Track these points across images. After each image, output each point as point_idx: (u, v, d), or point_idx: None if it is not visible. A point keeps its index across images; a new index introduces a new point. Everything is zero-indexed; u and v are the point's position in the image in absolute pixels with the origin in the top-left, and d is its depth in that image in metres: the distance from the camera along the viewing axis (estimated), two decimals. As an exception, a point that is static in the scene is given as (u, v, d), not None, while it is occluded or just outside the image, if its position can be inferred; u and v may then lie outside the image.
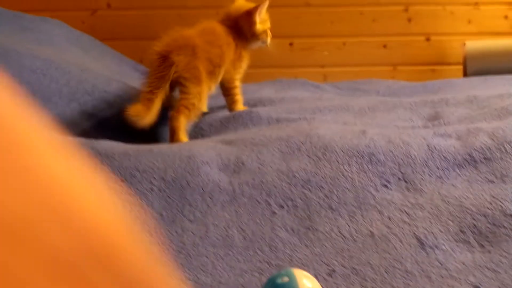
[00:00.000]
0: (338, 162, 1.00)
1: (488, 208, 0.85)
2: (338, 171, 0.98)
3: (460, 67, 2.28)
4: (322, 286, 0.72)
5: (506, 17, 2.37)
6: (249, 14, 1.44)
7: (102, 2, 2.31)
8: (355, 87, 1.89)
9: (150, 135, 1.35)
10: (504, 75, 1.86)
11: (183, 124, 1.29)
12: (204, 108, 1.51)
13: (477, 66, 2.08)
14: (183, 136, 1.29)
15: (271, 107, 1.53)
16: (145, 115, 1.22)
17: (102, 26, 2.32)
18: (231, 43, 1.42)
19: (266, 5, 1.46)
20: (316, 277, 0.75)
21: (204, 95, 1.36)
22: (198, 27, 1.42)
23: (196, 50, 1.32)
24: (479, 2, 2.35)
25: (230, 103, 1.51)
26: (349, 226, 0.86)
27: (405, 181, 0.96)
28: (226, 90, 1.49)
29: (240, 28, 1.45)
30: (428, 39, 2.39)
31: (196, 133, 1.36)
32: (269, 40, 1.50)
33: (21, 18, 1.71)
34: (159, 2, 2.31)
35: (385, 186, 0.94)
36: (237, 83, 1.50)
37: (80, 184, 0.18)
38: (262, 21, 1.46)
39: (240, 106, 1.51)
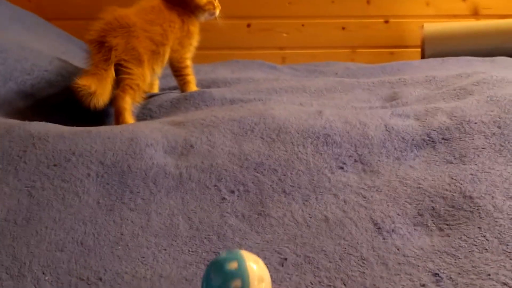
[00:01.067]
0: (292, 143, 0.95)
1: (447, 190, 0.81)
2: (292, 153, 0.92)
3: (418, 49, 2.27)
4: (272, 276, 0.67)
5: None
6: None
7: (48, -20, 2.18)
8: (313, 69, 1.84)
9: (94, 119, 1.26)
10: (462, 57, 1.84)
11: (129, 104, 1.21)
12: (152, 89, 1.43)
13: (435, 49, 2.07)
14: (130, 118, 1.20)
15: (226, 88, 1.46)
16: (94, 86, 1.13)
17: (49, 5, 2.19)
18: (176, 20, 1.33)
19: None
20: (267, 266, 0.69)
21: (148, 76, 1.27)
22: (136, 6, 1.32)
23: (132, 29, 1.23)
24: (437, -15, 2.34)
25: (181, 84, 1.43)
26: (303, 210, 0.80)
27: (362, 163, 0.91)
28: (176, 70, 1.41)
29: (183, 1, 1.36)
30: (386, 22, 2.37)
31: (145, 114, 1.28)
32: (217, 11, 1.41)
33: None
34: (109, -21, 2.19)
35: (341, 168, 0.89)
36: (188, 62, 1.41)
37: None
38: None
39: (192, 87, 1.43)
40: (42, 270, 0.67)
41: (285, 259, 0.70)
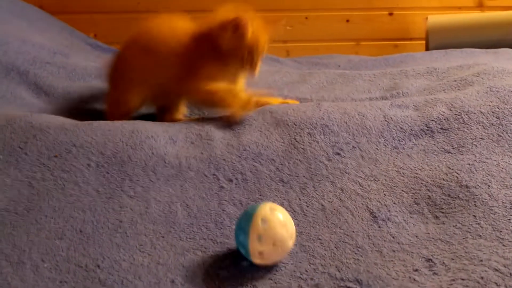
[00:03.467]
0: (290, 135, 0.95)
1: (443, 179, 0.82)
2: (289, 144, 0.93)
3: (423, 42, 2.26)
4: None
5: (469, -9, 2.35)
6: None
7: (52, -26, 2.19)
8: (316, 61, 1.84)
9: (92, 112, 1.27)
10: (465, 49, 1.84)
11: None
12: None
13: (439, 41, 2.06)
14: None
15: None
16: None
17: (53, -1, 2.19)
18: None
19: None
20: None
21: None
22: None
23: None
24: (442, -24, 2.33)
25: None
26: (300, 199, 0.81)
27: (360, 149, 0.91)
28: None
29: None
30: (391, 14, 2.36)
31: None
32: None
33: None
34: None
35: (338, 154, 0.90)
36: None
37: None
38: None
39: None
40: (41, 258, 0.68)
41: (281, 246, 0.71)
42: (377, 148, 0.92)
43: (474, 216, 0.72)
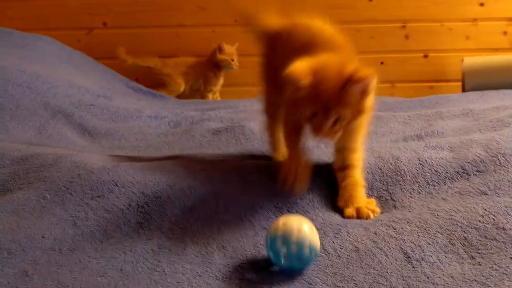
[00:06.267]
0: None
1: (480, 221, 0.81)
2: (325, 188, 0.94)
3: (459, 83, 2.25)
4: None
5: (505, 33, 2.34)
6: None
7: (98, 21, 2.31)
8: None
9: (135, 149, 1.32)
10: (502, 90, 1.83)
11: None
12: None
13: (475, 82, 2.05)
14: None
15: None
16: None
17: (98, 45, 2.31)
18: None
19: None
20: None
21: None
22: None
23: None
24: (477, 18, 2.33)
25: None
26: (333, 242, 0.82)
27: (393, 200, 0.92)
28: None
29: None
30: (426, 56, 2.37)
31: (188, 140, 1.33)
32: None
33: (11, 35, 1.71)
34: (155, 21, 2.30)
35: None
36: None
37: None
38: None
39: None
40: (84, 293, 0.71)
41: (315, 288, 0.71)
42: (411, 196, 0.92)
43: (511, 258, 0.71)
